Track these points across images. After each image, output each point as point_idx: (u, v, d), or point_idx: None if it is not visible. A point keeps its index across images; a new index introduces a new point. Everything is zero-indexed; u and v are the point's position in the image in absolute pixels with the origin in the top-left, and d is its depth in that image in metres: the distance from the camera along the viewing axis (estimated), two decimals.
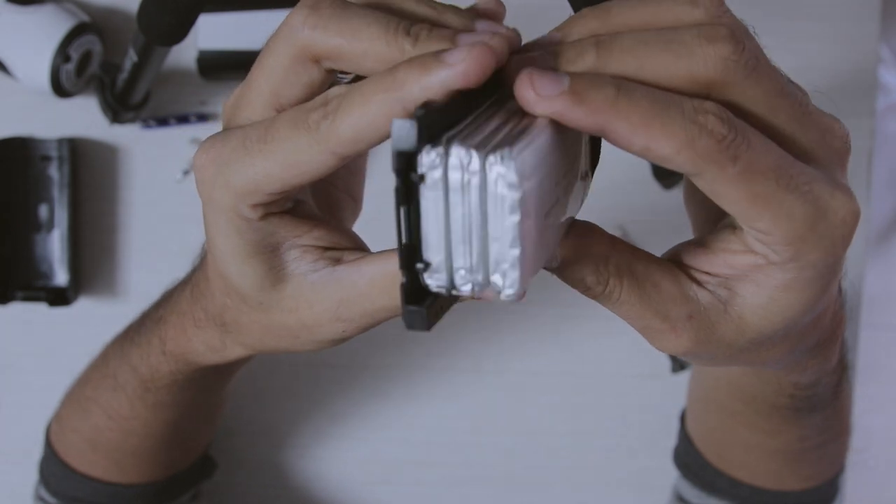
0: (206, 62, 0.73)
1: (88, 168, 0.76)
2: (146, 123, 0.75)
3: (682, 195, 0.37)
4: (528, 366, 0.78)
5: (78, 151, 0.75)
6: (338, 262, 0.33)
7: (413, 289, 0.27)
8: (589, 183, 0.33)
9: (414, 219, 0.26)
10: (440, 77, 0.26)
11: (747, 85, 0.28)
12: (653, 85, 0.28)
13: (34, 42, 0.68)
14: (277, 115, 0.30)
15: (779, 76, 0.30)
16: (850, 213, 0.29)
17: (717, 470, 0.62)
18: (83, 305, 0.76)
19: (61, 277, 0.75)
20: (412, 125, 0.25)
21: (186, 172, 0.76)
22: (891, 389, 1.40)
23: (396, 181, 0.26)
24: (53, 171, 0.74)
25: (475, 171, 0.26)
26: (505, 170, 0.26)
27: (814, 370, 0.42)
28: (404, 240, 0.27)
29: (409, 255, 0.27)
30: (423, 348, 0.78)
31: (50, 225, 0.75)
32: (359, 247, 0.34)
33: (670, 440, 0.69)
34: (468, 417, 0.78)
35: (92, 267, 0.77)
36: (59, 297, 0.74)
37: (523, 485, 0.79)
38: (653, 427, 0.76)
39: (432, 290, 0.28)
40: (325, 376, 0.78)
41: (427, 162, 0.26)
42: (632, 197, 0.76)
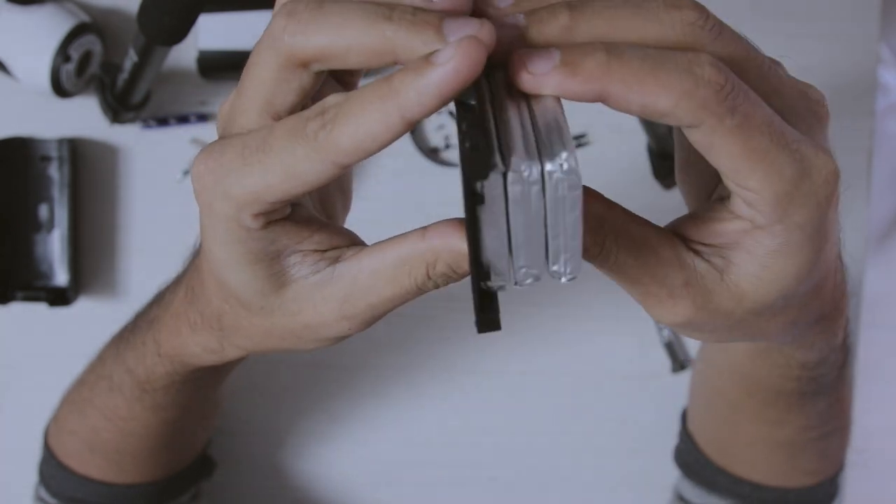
0: (206, 62, 0.73)
1: (88, 168, 0.76)
2: (146, 123, 0.75)
3: (681, 195, 0.37)
4: (528, 366, 0.78)
5: (78, 151, 0.75)
6: (337, 259, 0.33)
7: (483, 297, 0.29)
8: None
9: (477, 236, 0.28)
10: (434, 78, 0.26)
11: (716, 49, 0.29)
12: None
13: (34, 42, 0.68)
14: (275, 124, 0.30)
15: (745, 42, 0.30)
16: (832, 173, 0.30)
17: (718, 468, 0.62)
18: (83, 305, 0.76)
19: (61, 277, 0.75)
20: (489, 155, 0.27)
21: (186, 172, 0.76)
22: (891, 389, 1.39)
23: (466, 202, 0.27)
24: (53, 172, 0.74)
25: (535, 181, 0.27)
26: (567, 175, 0.27)
27: (820, 346, 0.42)
28: (473, 255, 0.28)
29: (478, 270, 0.28)
30: (423, 348, 0.78)
31: (50, 225, 0.75)
32: (356, 243, 0.34)
33: (670, 440, 0.69)
34: (468, 417, 0.78)
35: (92, 267, 0.77)
36: (59, 297, 0.74)
37: (523, 485, 0.79)
38: (653, 427, 0.76)
39: (495, 291, 0.29)
40: (325, 376, 0.78)
41: (490, 184, 0.27)
42: (632, 197, 0.76)
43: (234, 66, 0.74)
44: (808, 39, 0.76)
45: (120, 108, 0.72)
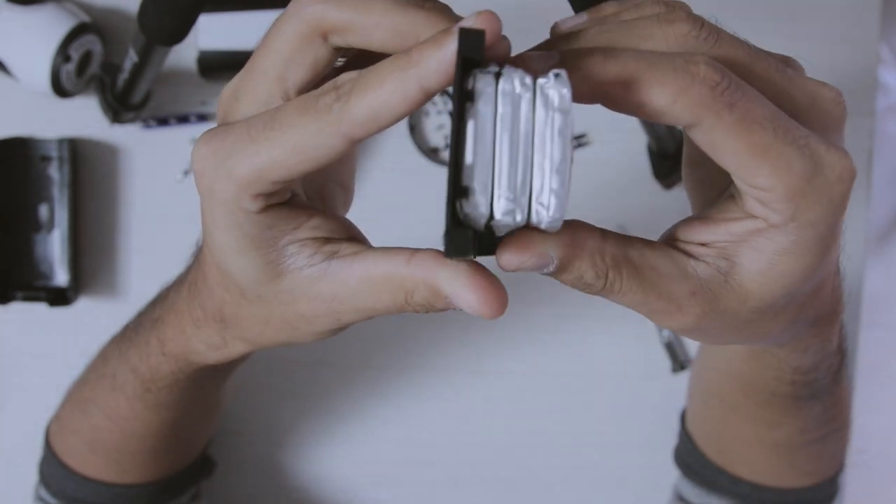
0: (206, 62, 0.73)
1: (89, 168, 0.76)
2: (146, 123, 0.75)
3: (682, 195, 0.37)
4: (528, 366, 0.78)
5: (78, 151, 0.75)
6: (333, 255, 0.33)
7: (455, 219, 0.27)
8: None
9: (461, 140, 0.26)
10: (454, 47, 0.27)
11: (714, 54, 0.29)
12: None
13: (34, 42, 0.68)
14: (284, 103, 0.30)
15: (747, 45, 0.30)
16: (847, 170, 0.29)
17: (717, 467, 0.62)
18: (83, 305, 0.76)
19: (61, 277, 0.75)
20: (480, 33, 0.26)
21: (186, 172, 0.76)
22: (891, 389, 1.39)
23: (455, 91, 0.26)
24: (54, 172, 0.74)
25: (527, 88, 0.26)
26: (558, 89, 0.26)
27: (815, 350, 0.42)
28: (453, 165, 0.26)
29: (456, 185, 0.26)
30: (423, 348, 0.78)
31: (50, 225, 0.75)
32: (353, 236, 0.34)
33: (670, 440, 0.69)
34: (468, 418, 0.78)
35: (92, 267, 0.77)
36: (59, 298, 0.74)
37: (523, 485, 0.79)
38: (653, 427, 0.76)
39: (469, 221, 0.27)
40: (324, 376, 0.78)
41: (482, 78, 0.26)
42: (632, 197, 0.76)
43: (234, 66, 0.74)
44: (808, 40, 0.76)
45: (120, 108, 0.72)
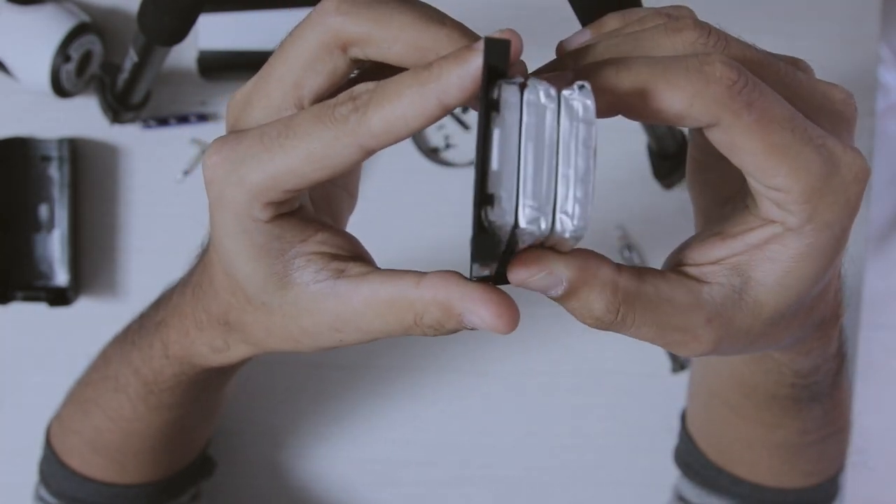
0: (206, 62, 0.73)
1: (89, 168, 0.76)
2: (146, 123, 0.75)
3: (682, 195, 0.37)
4: (528, 366, 0.78)
5: (78, 152, 0.75)
6: (340, 273, 0.33)
7: (480, 227, 0.27)
8: None
9: (488, 148, 0.26)
10: (476, 64, 0.27)
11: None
12: None
13: (34, 42, 0.68)
14: (297, 112, 0.30)
15: (756, 49, 0.30)
16: (862, 170, 0.29)
17: (717, 468, 0.62)
18: (83, 305, 0.76)
19: (61, 277, 0.75)
20: (506, 42, 0.26)
21: (186, 173, 0.76)
22: (891, 389, 1.40)
23: (481, 100, 0.26)
24: (54, 172, 0.74)
25: (552, 100, 0.26)
26: (582, 101, 0.26)
27: (816, 353, 0.42)
28: (479, 172, 0.26)
29: (482, 192, 0.26)
30: (424, 349, 0.78)
31: (50, 225, 0.75)
32: (360, 255, 0.34)
33: (670, 440, 0.69)
34: (468, 418, 0.78)
35: (92, 267, 0.77)
36: (59, 298, 0.74)
37: (523, 485, 0.79)
38: (653, 427, 0.76)
39: (494, 228, 0.27)
40: (325, 377, 0.78)
41: (508, 88, 0.26)
42: (632, 197, 0.76)
43: (234, 67, 0.74)
44: (808, 39, 0.76)
45: (120, 108, 0.72)
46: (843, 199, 0.29)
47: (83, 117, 0.75)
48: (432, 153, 0.77)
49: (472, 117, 0.77)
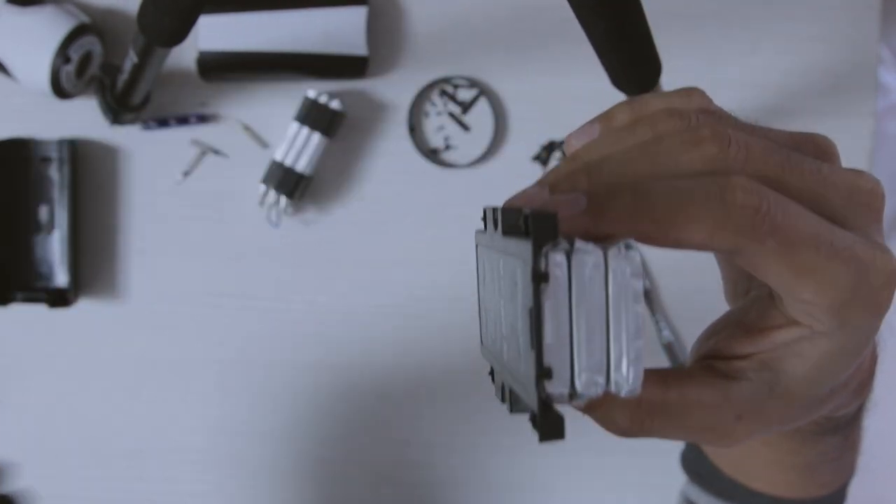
0: (206, 63, 0.73)
1: (89, 169, 0.76)
2: (146, 124, 0.75)
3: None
4: None
5: (78, 153, 0.75)
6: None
7: (543, 402, 0.27)
8: None
9: (540, 323, 0.26)
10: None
11: (746, 171, 0.28)
12: None
13: (34, 43, 0.68)
14: None
15: (778, 152, 0.29)
16: (892, 274, 0.28)
17: (732, 480, 0.62)
18: (83, 306, 0.76)
19: (61, 279, 0.75)
20: (552, 217, 0.26)
21: (186, 173, 0.76)
22: (891, 389, 1.39)
23: (531, 275, 0.26)
24: (54, 173, 0.74)
25: (599, 264, 0.26)
26: (629, 260, 0.26)
27: (853, 405, 0.41)
28: (535, 348, 0.26)
29: (539, 367, 0.27)
30: (424, 348, 0.78)
31: (50, 226, 0.75)
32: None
33: (670, 440, 0.69)
34: (468, 418, 0.78)
35: (92, 268, 0.77)
36: (59, 299, 0.74)
37: (523, 485, 0.79)
38: None
39: (553, 402, 0.27)
40: (325, 377, 0.78)
41: (554, 258, 0.26)
42: None
43: (234, 67, 0.74)
44: (808, 40, 0.76)
45: (120, 109, 0.72)
46: (872, 305, 0.28)
47: (83, 118, 0.75)
48: (432, 154, 0.77)
49: (472, 117, 0.77)
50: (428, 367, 0.78)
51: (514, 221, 0.27)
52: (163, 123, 0.76)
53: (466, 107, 0.77)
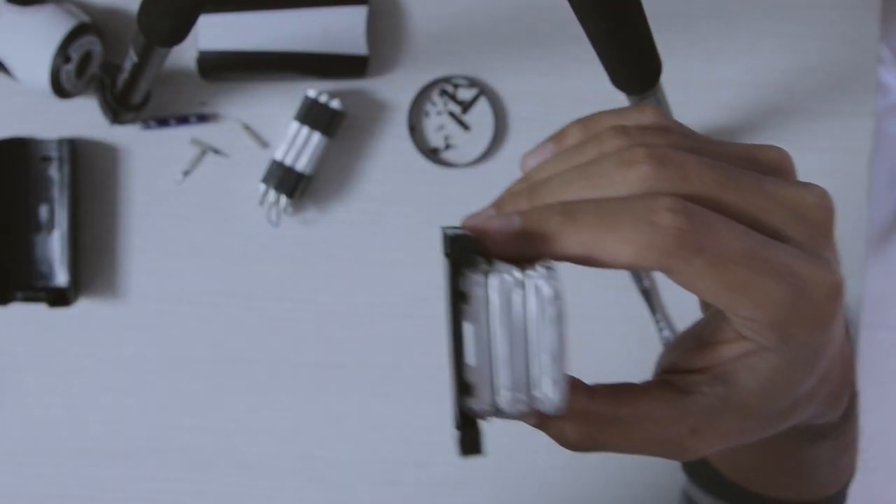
0: (206, 63, 0.73)
1: (89, 169, 0.76)
2: (146, 124, 0.75)
3: None
4: None
5: (78, 152, 0.75)
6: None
7: (464, 417, 0.28)
8: None
9: (459, 341, 0.27)
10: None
11: (684, 190, 0.28)
12: None
13: (34, 43, 0.68)
14: None
15: (717, 170, 0.29)
16: (833, 288, 0.28)
17: (732, 483, 0.62)
18: (83, 306, 0.76)
19: (61, 278, 0.75)
20: (468, 238, 0.27)
21: (186, 173, 0.76)
22: (891, 390, 1.40)
23: (449, 294, 0.27)
24: (54, 172, 0.74)
25: (519, 285, 0.27)
26: (548, 282, 0.27)
27: (830, 414, 0.41)
28: (455, 366, 0.27)
29: (459, 384, 0.28)
30: (424, 348, 0.78)
31: (50, 225, 0.75)
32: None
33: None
34: None
35: (92, 267, 0.77)
36: (59, 298, 0.74)
37: (523, 485, 0.79)
38: None
39: (476, 416, 0.28)
40: (325, 376, 0.78)
41: (473, 278, 0.27)
42: None
43: (234, 67, 0.74)
44: (808, 39, 0.76)
45: (120, 108, 0.72)
46: (814, 320, 0.28)
47: (83, 118, 0.75)
48: (432, 153, 0.77)
49: (472, 117, 0.77)
50: (428, 367, 0.78)
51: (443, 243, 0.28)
52: (163, 123, 0.76)
53: (466, 106, 0.77)
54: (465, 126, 0.77)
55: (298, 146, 0.74)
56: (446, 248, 0.27)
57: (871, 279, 0.91)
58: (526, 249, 0.28)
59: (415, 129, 0.77)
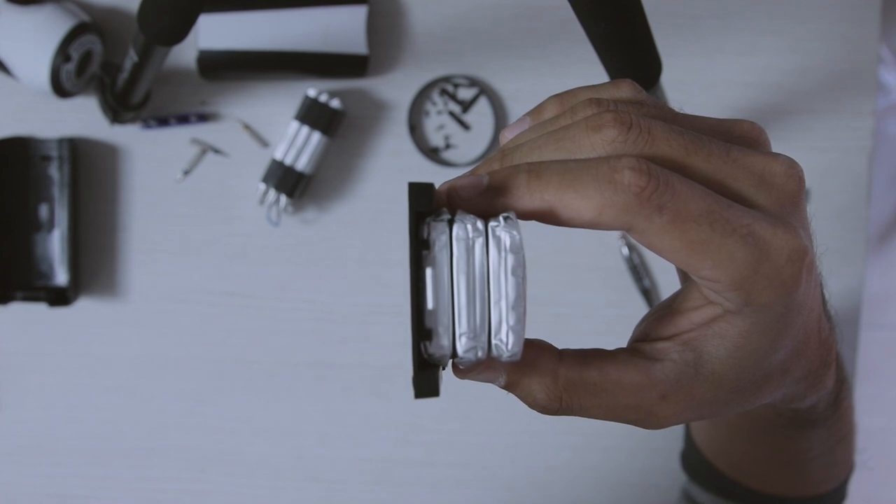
0: (206, 62, 0.73)
1: (89, 168, 0.76)
2: (146, 123, 0.75)
3: None
4: None
5: (78, 151, 0.75)
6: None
7: (422, 361, 0.28)
8: None
9: (422, 286, 0.28)
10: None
11: (648, 153, 0.29)
12: None
13: (34, 42, 0.68)
14: None
15: (682, 136, 0.29)
16: (795, 251, 0.29)
17: (730, 479, 0.62)
18: (83, 305, 0.76)
19: (61, 277, 0.75)
20: (428, 186, 0.27)
21: (186, 172, 0.76)
22: (891, 389, 1.40)
23: (410, 241, 0.27)
24: (54, 171, 0.74)
25: (479, 233, 0.28)
26: (509, 231, 0.27)
27: (811, 397, 0.41)
28: (415, 310, 0.28)
29: (419, 329, 0.28)
30: None
31: (50, 225, 0.75)
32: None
33: (672, 440, 0.69)
34: (469, 418, 0.78)
35: (92, 267, 0.77)
36: (59, 298, 0.74)
37: (523, 485, 0.79)
38: None
39: (433, 361, 0.28)
40: (324, 376, 0.78)
41: (436, 226, 0.28)
42: None
43: (234, 67, 0.74)
44: (808, 39, 0.76)
45: (120, 108, 0.72)
46: (777, 281, 0.28)
47: (83, 117, 0.75)
48: (432, 153, 0.77)
49: (472, 117, 0.77)
50: None
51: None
52: (163, 122, 0.76)
53: (467, 106, 0.77)
54: (465, 126, 0.77)
55: (298, 145, 0.74)
56: (409, 196, 0.28)
57: (871, 279, 0.91)
58: (493, 205, 0.29)
59: (415, 129, 0.77)
